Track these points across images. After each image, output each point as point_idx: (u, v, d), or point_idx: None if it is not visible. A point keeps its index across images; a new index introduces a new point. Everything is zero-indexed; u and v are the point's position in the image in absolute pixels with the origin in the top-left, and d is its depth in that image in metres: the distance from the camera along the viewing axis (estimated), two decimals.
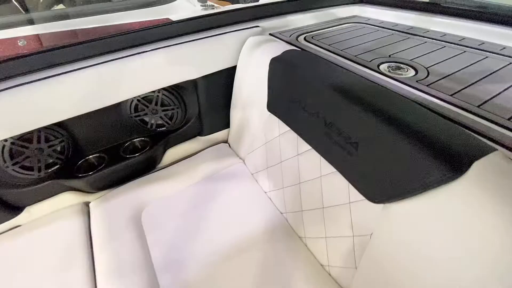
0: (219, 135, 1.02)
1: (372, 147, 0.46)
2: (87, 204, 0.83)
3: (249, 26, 0.87)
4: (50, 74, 0.66)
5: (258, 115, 0.79)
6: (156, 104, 0.87)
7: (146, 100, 0.86)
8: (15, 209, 0.76)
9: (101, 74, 0.71)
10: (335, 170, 0.56)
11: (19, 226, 0.77)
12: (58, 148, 0.78)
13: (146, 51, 0.76)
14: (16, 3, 1.79)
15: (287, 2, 0.96)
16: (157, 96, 0.86)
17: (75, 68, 0.69)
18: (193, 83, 0.87)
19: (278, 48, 0.73)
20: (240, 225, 0.74)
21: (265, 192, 0.83)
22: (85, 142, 0.82)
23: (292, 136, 0.67)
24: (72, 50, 0.72)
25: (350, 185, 0.53)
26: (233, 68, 0.88)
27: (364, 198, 0.51)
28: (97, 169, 0.81)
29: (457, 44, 0.75)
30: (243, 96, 0.85)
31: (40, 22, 1.37)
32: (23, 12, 1.54)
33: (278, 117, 0.69)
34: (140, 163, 0.88)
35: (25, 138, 0.72)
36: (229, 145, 1.01)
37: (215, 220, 0.76)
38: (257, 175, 0.87)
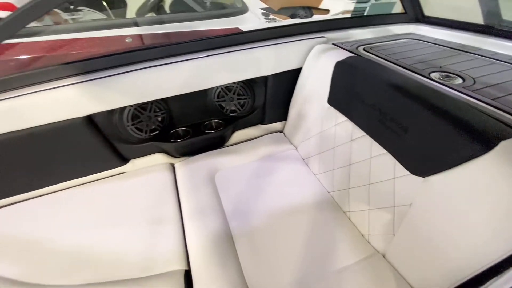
0: (277, 125, 1.20)
1: (419, 130, 0.59)
2: (172, 165, 1.06)
3: (315, 36, 1.05)
4: (165, 62, 0.90)
5: (317, 108, 0.95)
6: (233, 93, 1.09)
7: (227, 89, 1.07)
8: (124, 160, 1.01)
9: (199, 66, 0.94)
10: (384, 152, 0.69)
11: (124, 173, 1.02)
12: (159, 118, 1.03)
13: (232, 51, 0.97)
14: (109, 10, 2.22)
15: (350, 19, 1.12)
16: (236, 87, 1.08)
17: (183, 59, 0.92)
18: (264, 79, 1.06)
19: (342, 54, 0.89)
20: (292, 196, 0.90)
21: (315, 175, 0.98)
22: (177, 117, 1.06)
23: (347, 125, 0.82)
24: (181, 46, 0.96)
25: (397, 163, 0.66)
26: (297, 70, 1.06)
27: (407, 173, 0.63)
28: (183, 138, 1.04)
29: (506, 62, 0.84)
30: (304, 92, 1.02)
31: (138, 25, 1.71)
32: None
33: (337, 109, 0.85)
34: (214, 139, 1.09)
35: (142, 107, 0.97)
36: (284, 134, 1.18)
37: (272, 189, 0.92)
38: (308, 160, 1.02)
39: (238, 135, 1.17)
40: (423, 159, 0.59)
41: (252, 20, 1.85)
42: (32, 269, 0.71)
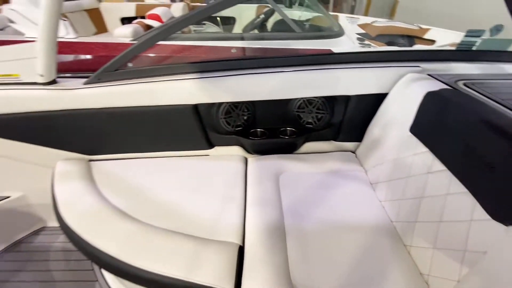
0: (349, 144, 1.22)
1: (510, 172, 0.54)
2: (246, 158, 1.21)
3: (410, 65, 1.04)
4: (260, 72, 1.06)
5: (397, 135, 0.94)
6: (313, 107, 1.17)
7: (308, 102, 1.17)
8: (210, 145, 1.22)
9: (288, 78, 1.06)
10: (465, 190, 0.65)
11: (208, 155, 1.23)
12: (245, 117, 1.20)
13: (320, 69, 1.06)
14: (221, 25, 2.61)
15: (453, 51, 1.06)
16: (317, 101, 1.16)
17: (275, 71, 1.06)
18: (346, 98, 1.11)
19: (435, 85, 0.87)
20: (352, 215, 0.91)
21: (380, 201, 0.96)
22: (259, 118, 1.21)
23: (427, 156, 0.79)
24: (275, 60, 1.10)
25: (477, 205, 0.61)
26: (382, 94, 1.06)
27: (488, 217, 0.58)
28: (260, 138, 1.18)
29: None
30: (386, 117, 1.01)
31: (243, 39, 2.00)
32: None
33: (419, 139, 0.82)
34: (286, 144, 1.19)
35: (235, 105, 1.16)
36: (355, 155, 1.19)
37: (332, 202, 0.95)
38: (376, 185, 1.01)
39: (309, 145, 1.24)
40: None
41: (346, 43, 1.91)
42: (134, 207, 0.94)
